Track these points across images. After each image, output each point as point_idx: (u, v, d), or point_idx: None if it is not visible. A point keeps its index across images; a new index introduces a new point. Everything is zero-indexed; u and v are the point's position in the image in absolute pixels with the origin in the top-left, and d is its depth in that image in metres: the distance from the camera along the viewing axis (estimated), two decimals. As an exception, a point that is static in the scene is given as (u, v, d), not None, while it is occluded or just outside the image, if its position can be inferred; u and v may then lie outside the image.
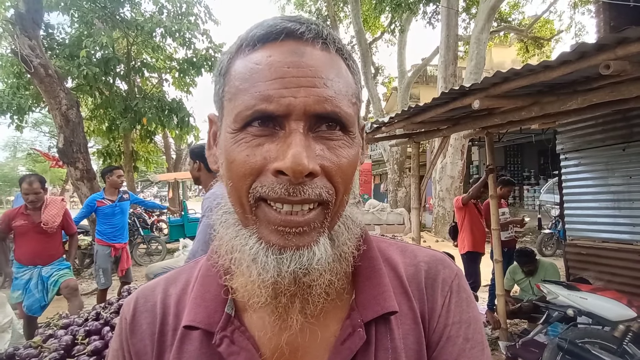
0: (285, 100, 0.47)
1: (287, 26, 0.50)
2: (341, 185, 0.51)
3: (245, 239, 0.52)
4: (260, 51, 0.51)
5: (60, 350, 2.09)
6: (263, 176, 0.49)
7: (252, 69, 0.50)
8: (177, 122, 11.35)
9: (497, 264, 4.35)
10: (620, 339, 3.02)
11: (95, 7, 10.31)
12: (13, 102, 9.66)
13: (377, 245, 0.64)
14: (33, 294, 4.09)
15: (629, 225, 4.36)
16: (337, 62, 0.52)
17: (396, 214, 11.21)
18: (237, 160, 0.50)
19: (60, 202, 4.39)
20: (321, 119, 0.49)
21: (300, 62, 0.49)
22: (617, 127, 4.40)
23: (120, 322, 0.63)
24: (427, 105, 3.53)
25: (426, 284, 0.60)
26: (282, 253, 0.49)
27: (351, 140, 0.52)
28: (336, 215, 0.53)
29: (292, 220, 0.48)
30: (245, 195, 0.50)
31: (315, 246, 0.50)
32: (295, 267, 0.49)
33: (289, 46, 0.50)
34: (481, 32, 9.88)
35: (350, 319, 0.55)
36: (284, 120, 0.48)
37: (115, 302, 2.60)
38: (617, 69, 2.14)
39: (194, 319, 0.56)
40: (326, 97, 0.48)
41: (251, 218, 0.51)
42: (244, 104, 0.49)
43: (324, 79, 0.49)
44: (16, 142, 31.65)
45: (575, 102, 2.72)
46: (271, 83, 0.48)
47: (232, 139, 0.50)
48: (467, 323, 0.58)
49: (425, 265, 0.61)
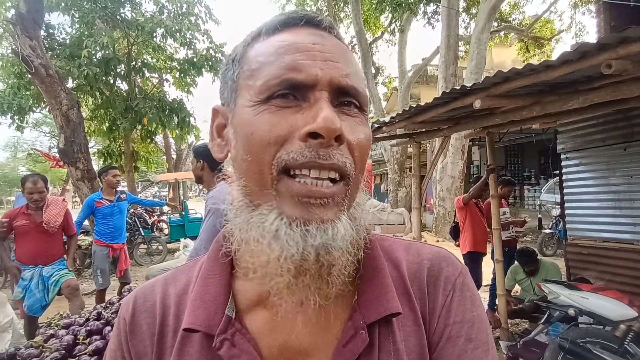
0: (314, 71, 0.49)
1: (306, 14, 0.54)
2: (359, 161, 0.52)
3: (263, 215, 0.50)
4: (283, 33, 0.53)
5: (61, 350, 2.08)
6: (289, 144, 0.48)
7: (277, 45, 0.52)
8: (177, 122, 11.35)
9: (498, 263, 4.35)
10: (621, 338, 3.02)
11: (96, 7, 10.31)
12: (14, 102, 9.66)
13: (380, 244, 0.62)
14: (34, 293, 4.09)
15: (630, 224, 4.36)
16: (349, 52, 0.56)
17: (397, 214, 11.22)
18: (261, 129, 0.49)
19: (62, 202, 4.40)
20: (342, 94, 0.51)
21: (323, 42, 0.52)
22: (618, 127, 4.41)
23: (119, 322, 0.62)
24: (428, 105, 3.53)
25: (428, 282, 0.58)
26: (307, 225, 0.47)
27: (365, 119, 0.55)
28: (353, 195, 0.53)
29: (318, 191, 0.48)
30: (267, 167, 0.49)
31: (339, 222, 0.49)
32: (321, 241, 0.47)
33: (310, 30, 0.54)
34: (482, 32, 9.88)
35: (352, 321, 0.54)
36: (308, 92, 0.50)
37: (117, 302, 2.58)
38: (618, 68, 2.14)
39: (194, 322, 0.54)
40: (348, 73, 0.52)
41: (270, 193, 0.49)
42: (271, 73, 0.50)
43: (343, 59, 0.53)
44: (17, 142, 31.65)
45: (576, 102, 2.73)
46: (299, 55, 0.50)
47: (254, 111, 0.50)
48: (470, 322, 0.55)
49: (428, 263, 0.59)
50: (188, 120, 11.40)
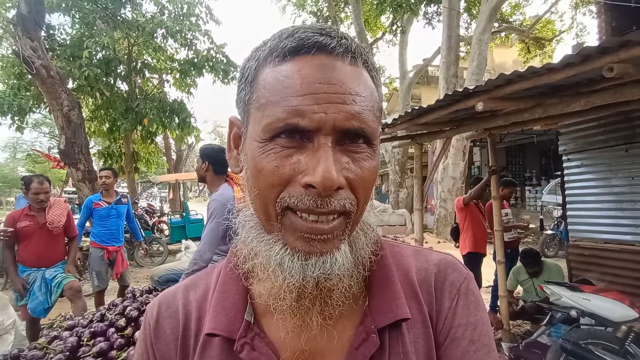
0: (317, 117, 0.49)
1: (319, 40, 0.51)
2: (362, 196, 0.53)
3: (270, 245, 0.54)
4: (291, 63, 0.51)
5: (65, 351, 2.09)
6: (291, 187, 0.50)
7: (283, 82, 0.51)
8: (178, 123, 11.36)
9: (500, 265, 4.35)
10: (622, 339, 3.03)
11: (96, 8, 10.32)
12: (14, 103, 9.68)
13: (390, 250, 0.66)
14: (37, 296, 4.07)
15: (632, 226, 4.36)
16: (364, 76, 0.54)
17: (398, 215, 11.23)
18: (266, 169, 0.51)
19: (64, 203, 4.40)
20: (348, 133, 0.51)
21: (330, 79, 0.50)
22: (620, 128, 4.41)
23: (144, 327, 0.66)
24: (430, 107, 3.54)
25: (435, 287, 0.61)
26: (307, 259, 0.51)
27: (373, 152, 0.55)
28: (356, 223, 0.55)
29: (318, 228, 0.50)
30: (272, 204, 0.52)
31: (337, 252, 0.52)
32: (319, 272, 0.51)
33: (320, 60, 0.51)
34: (483, 32, 9.89)
35: (363, 325, 0.57)
36: (313, 134, 0.50)
37: (120, 303, 2.59)
38: (620, 71, 2.15)
39: (215, 327, 0.58)
40: (354, 114, 0.50)
41: (276, 225, 0.53)
42: (275, 116, 0.50)
43: (352, 95, 0.50)
44: (16, 143, 31.67)
45: (578, 104, 2.73)
46: (303, 99, 0.49)
47: (261, 149, 0.52)
48: (474, 325, 0.59)
49: (435, 269, 0.63)
50: (188, 121, 11.41)
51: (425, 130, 4.44)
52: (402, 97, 15.60)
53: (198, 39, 11.44)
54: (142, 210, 13.08)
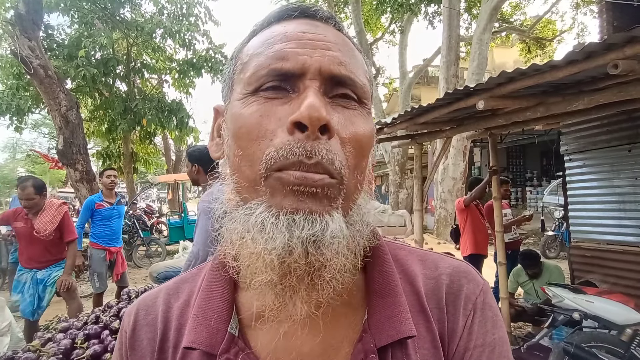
0: (301, 58, 0.47)
1: (302, 7, 0.52)
2: (353, 157, 0.47)
3: (251, 209, 0.46)
4: (275, 25, 0.52)
5: (59, 354, 2.06)
6: (277, 138, 0.45)
7: (267, 37, 0.50)
8: (176, 124, 11.35)
9: (501, 266, 4.31)
10: (627, 343, 2.98)
11: (95, 8, 10.31)
12: (12, 103, 9.65)
13: (393, 254, 0.58)
14: (25, 297, 4.03)
15: (635, 227, 4.33)
16: (349, 43, 0.53)
17: (398, 215, 11.19)
18: (249, 122, 0.47)
19: (58, 207, 4.18)
20: (336, 83, 0.48)
21: (316, 30, 0.50)
22: (623, 128, 4.38)
23: (120, 335, 0.60)
24: (430, 106, 3.50)
25: (447, 300, 0.54)
26: (294, 214, 0.44)
27: (367, 113, 0.51)
28: (350, 197, 0.49)
29: (309, 177, 0.44)
30: (257, 162, 0.46)
31: (329, 217, 0.45)
32: (308, 233, 0.43)
33: (304, 20, 0.52)
34: (483, 32, 9.86)
35: (362, 343, 0.50)
36: (298, 81, 0.47)
37: (115, 305, 2.55)
38: (625, 68, 2.11)
39: (195, 340, 0.51)
40: (341, 61, 0.48)
41: (261, 188, 0.46)
42: (258, 64, 0.48)
43: (338, 45, 0.50)
44: (15, 143, 31.70)
45: (581, 103, 2.69)
46: (287, 43, 0.48)
47: (242, 103, 0.49)
48: (492, 347, 0.52)
49: (447, 279, 0.55)
50: (187, 122, 11.39)
51: (425, 129, 4.40)
52: (402, 98, 15.57)
53: (197, 39, 11.42)
54: (141, 211, 13.05)
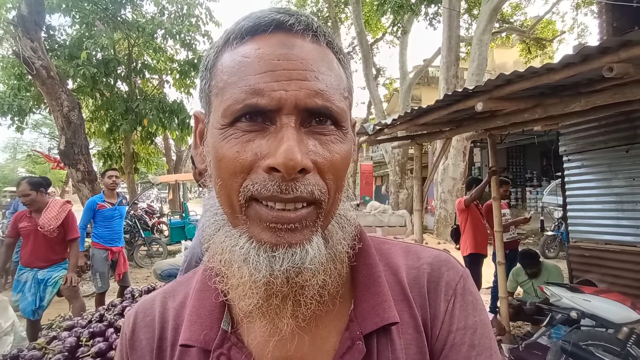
0: (277, 94, 0.46)
1: (275, 17, 0.49)
2: (334, 182, 0.49)
3: (235, 239, 0.50)
4: (249, 44, 0.49)
5: (64, 352, 2.08)
6: (254, 174, 0.47)
7: (240, 62, 0.48)
8: (177, 124, 11.37)
9: (500, 266, 4.34)
10: (624, 341, 3.01)
11: (96, 9, 10.34)
12: (14, 103, 9.69)
13: (377, 248, 0.61)
14: (26, 297, 4.07)
15: (633, 227, 4.35)
16: (327, 55, 0.51)
17: (398, 215, 11.18)
18: (227, 157, 0.48)
19: (62, 205, 4.29)
20: (313, 113, 0.48)
21: (290, 55, 0.47)
22: (621, 129, 4.40)
23: (121, 336, 0.63)
24: (430, 107, 3.54)
25: (429, 288, 0.57)
26: (274, 251, 0.47)
27: (343, 135, 0.51)
28: (329, 214, 0.51)
29: (284, 217, 0.47)
30: (235, 194, 0.48)
31: (308, 244, 0.48)
32: (288, 266, 0.47)
33: (279, 38, 0.48)
34: (483, 33, 9.88)
35: (349, 331, 0.53)
36: (274, 115, 0.47)
37: (119, 304, 2.58)
38: (620, 71, 2.14)
39: (190, 338, 0.55)
40: (317, 91, 0.47)
41: (241, 217, 0.49)
42: (233, 97, 0.47)
43: (315, 72, 0.47)
44: (16, 143, 31.70)
45: (578, 104, 2.72)
46: (261, 76, 0.46)
47: (221, 135, 0.49)
48: (473, 328, 0.54)
49: (428, 268, 0.58)
50: (188, 122, 11.41)
51: (425, 130, 4.44)
52: (402, 98, 15.59)
53: (197, 40, 11.45)
54: (142, 211, 13.08)
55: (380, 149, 15.91)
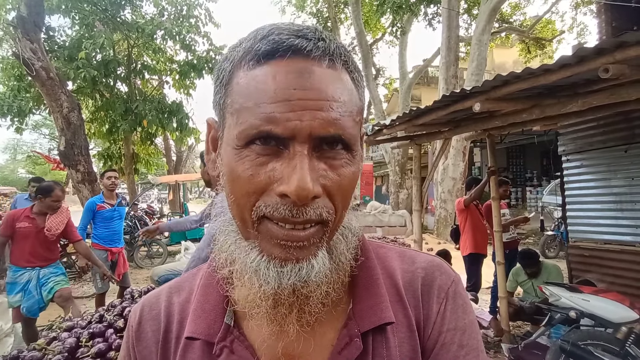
0: (291, 124, 0.47)
1: (294, 43, 0.49)
2: (341, 203, 0.52)
3: (246, 251, 0.53)
4: (265, 67, 0.49)
5: (64, 352, 2.09)
6: (267, 196, 0.49)
7: (256, 87, 0.49)
8: (176, 125, 11.38)
9: (500, 265, 4.35)
10: (623, 340, 3.01)
11: (96, 10, 10.35)
12: (14, 104, 9.70)
13: (375, 252, 0.65)
14: (33, 295, 4.06)
15: (632, 226, 4.36)
16: (343, 79, 0.52)
17: (398, 215, 11.20)
18: (242, 177, 0.50)
19: (66, 211, 4.36)
20: (326, 141, 0.49)
21: (306, 84, 0.48)
22: (619, 129, 4.41)
23: (128, 330, 0.66)
24: (428, 108, 3.55)
25: (422, 290, 0.61)
26: (283, 266, 0.50)
27: (352, 158, 0.52)
28: (335, 230, 0.54)
29: (294, 235, 0.49)
30: (248, 212, 0.51)
31: (314, 259, 0.51)
32: (295, 280, 0.50)
33: (296, 65, 0.49)
34: (482, 33, 9.89)
35: (347, 329, 0.57)
36: (288, 142, 0.48)
37: (119, 304, 2.59)
38: (616, 72, 2.15)
39: (195, 330, 0.58)
40: (331, 121, 0.48)
41: (253, 232, 0.52)
42: (249, 122, 0.48)
43: (329, 102, 0.48)
44: (16, 144, 31.72)
45: (575, 105, 2.73)
46: (277, 105, 0.47)
47: (236, 156, 0.50)
48: (462, 330, 0.58)
49: (422, 272, 0.62)
50: (186, 123, 11.41)
51: (423, 131, 4.45)
52: (402, 98, 15.60)
53: (197, 40, 11.45)
54: (142, 211, 13.08)
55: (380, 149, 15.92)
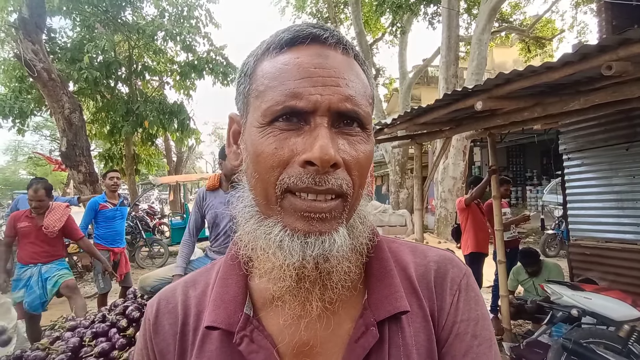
0: (313, 98, 0.51)
1: (312, 31, 0.55)
2: (358, 178, 0.55)
3: (269, 227, 0.55)
4: (288, 53, 0.55)
5: (67, 352, 2.10)
6: (290, 168, 0.52)
7: (280, 69, 0.54)
8: (177, 126, 11.39)
9: (501, 264, 4.35)
10: (625, 339, 3.02)
11: (97, 11, 10.36)
12: (15, 106, 9.70)
13: (388, 246, 0.66)
14: (34, 290, 4.13)
15: (633, 225, 4.36)
16: (355, 66, 0.57)
17: (398, 215, 11.20)
18: (266, 152, 0.53)
19: (64, 209, 4.41)
20: (342, 116, 0.54)
21: (325, 64, 0.53)
22: (620, 127, 4.40)
23: (144, 323, 0.67)
24: (429, 107, 3.54)
25: (435, 283, 0.62)
26: (306, 238, 0.52)
27: (367, 136, 0.57)
28: (353, 208, 0.57)
29: (317, 207, 0.52)
30: (272, 187, 0.53)
31: (336, 234, 0.53)
32: (318, 252, 0.52)
33: (315, 49, 0.55)
34: (482, 32, 9.88)
35: (363, 318, 0.58)
36: (309, 116, 0.52)
37: (121, 304, 2.60)
38: (619, 69, 2.15)
39: (215, 320, 0.59)
40: (348, 96, 0.53)
41: (276, 208, 0.54)
42: (274, 99, 0.53)
43: (346, 80, 0.54)
44: (17, 145, 31.71)
45: (577, 103, 2.73)
46: (300, 82, 0.52)
47: (260, 133, 0.54)
48: (475, 320, 0.60)
49: (435, 265, 0.64)
50: (187, 123, 11.42)
51: (424, 130, 4.44)
52: (402, 98, 15.59)
53: (197, 42, 11.46)
54: (143, 212, 13.09)
55: (380, 148, 15.88)
